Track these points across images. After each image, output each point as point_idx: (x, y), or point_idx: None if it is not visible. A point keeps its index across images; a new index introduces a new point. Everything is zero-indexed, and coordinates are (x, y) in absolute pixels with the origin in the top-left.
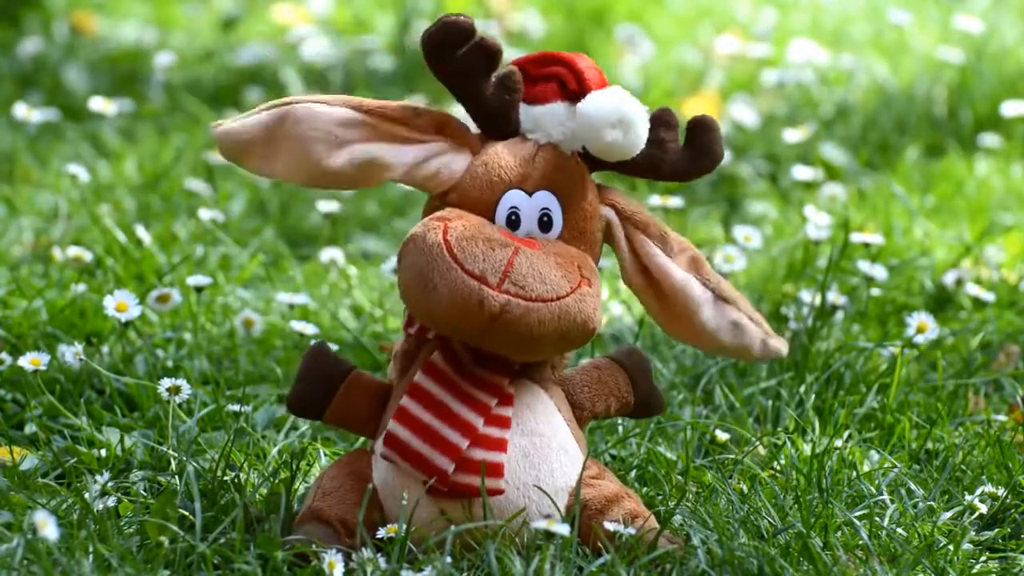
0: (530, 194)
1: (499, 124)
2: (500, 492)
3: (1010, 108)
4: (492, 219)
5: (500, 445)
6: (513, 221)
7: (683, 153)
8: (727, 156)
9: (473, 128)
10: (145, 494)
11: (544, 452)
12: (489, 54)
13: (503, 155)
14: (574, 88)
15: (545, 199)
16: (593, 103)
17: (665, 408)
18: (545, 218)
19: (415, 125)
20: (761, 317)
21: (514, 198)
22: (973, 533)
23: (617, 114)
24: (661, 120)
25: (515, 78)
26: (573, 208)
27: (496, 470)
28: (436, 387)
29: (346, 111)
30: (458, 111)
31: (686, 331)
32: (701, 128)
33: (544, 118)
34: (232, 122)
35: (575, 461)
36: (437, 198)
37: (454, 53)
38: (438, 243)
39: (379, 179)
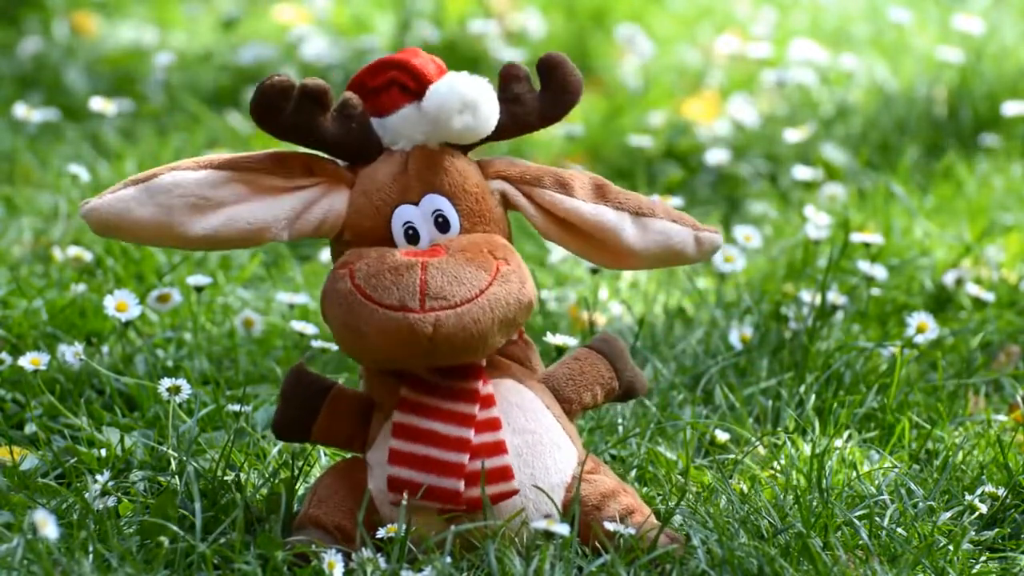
0: (417, 203)
1: (358, 151)
2: (515, 492)
3: (1010, 108)
4: (392, 242)
5: (499, 448)
6: (412, 235)
7: (543, 97)
8: (727, 156)
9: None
10: (145, 494)
11: (537, 449)
12: (316, 97)
13: (377, 177)
14: (414, 87)
15: (433, 201)
16: (433, 97)
17: (647, 388)
18: (440, 219)
19: (286, 172)
20: (685, 215)
21: (404, 213)
22: (973, 533)
23: (459, 99)
24: (508, 76)
25: (351, 103)
26: (462, 198)
27: (505, 473)
28: (416, 418)
29: (211, 172)
30: None
31: (619, 258)
32: (550, 66)
33: (399, 126)
34: (98, 199)
35: (569, 456)
36: (334, 241)
37: (284, 111)
38: (349, 290)
39: (260, 239)
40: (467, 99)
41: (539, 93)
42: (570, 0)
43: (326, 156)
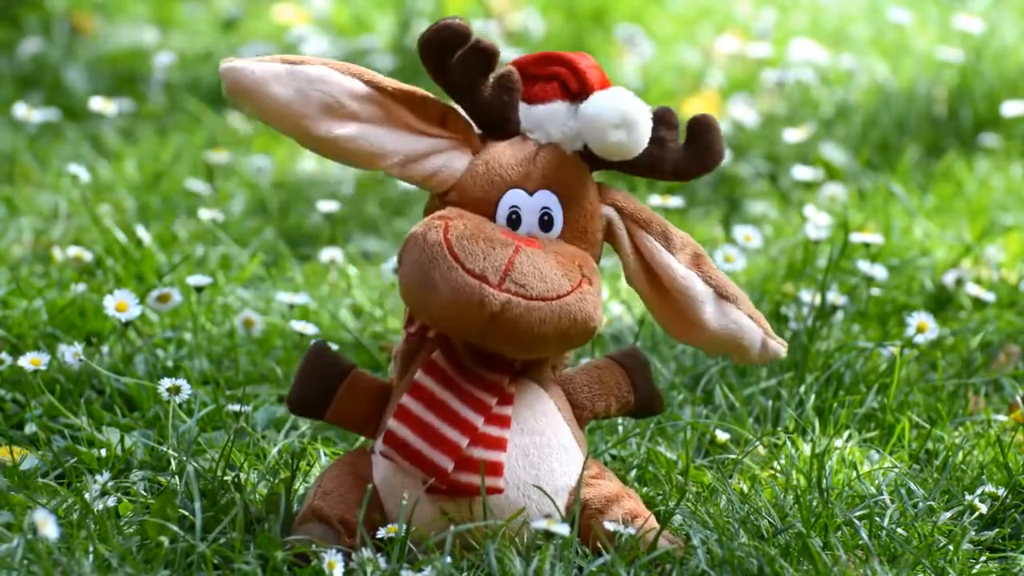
0: (531, 193)
1: (498, 124)
2: (499, 491)
3: (1010, 108)
4: (493, 218)
5: (500, 444)
6: (514, 220)
7: (684, 152)
8: (727, 156)
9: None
10: (145, 494)
11: (544, 452)
12: (486, 55)
13: (504, 154)
14: (575, 88)
15: (546, 198)
16: (596, 103)
17: (665, 408)
18: (546, 217)
19: (421, 114)
20: (762, 316)
21: (515, 197)
22: (973, 533)
23: (620, 114)
24: (662, 119)
25: (513, 78)
26: (574, 207)
27: (495, 469)
28: (437, 386)
29: (358, 84)
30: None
31: (687, 330)
32: (702, 127)
33: (545, 118)
34: (242, 61)
35: (575, 461)
36: (437, 197)
37: (451, 56)
38: (439, 242)
39: (373, 164)
40: (628, 117)
41: (682, 147)
42: (570, 0)
43: (464, 115)
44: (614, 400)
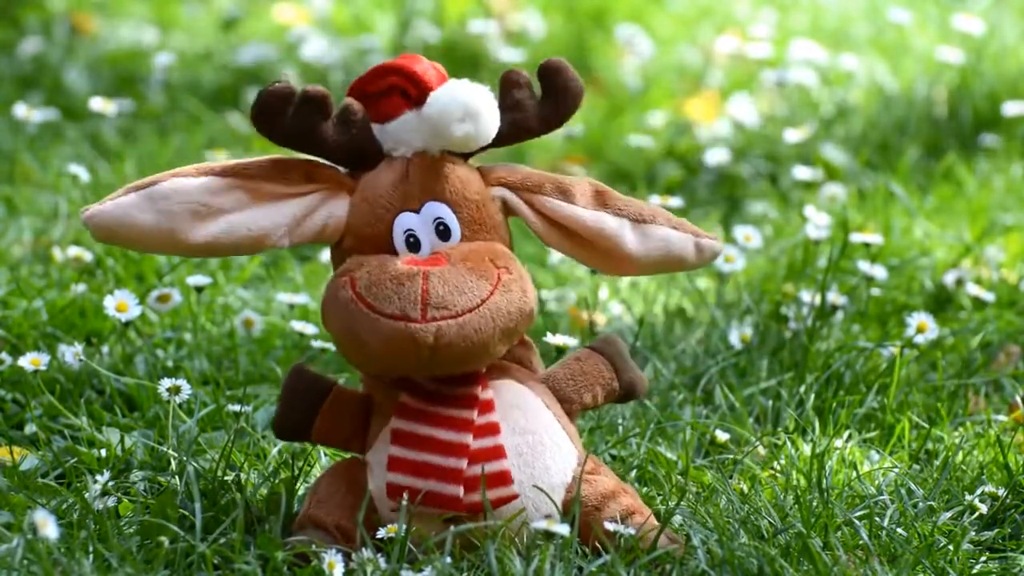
0: (418, 211)
1: (359, 158)
2: (515, 497)
3: (1010, 108)
4: (393, 249)
5: (498, 452)
6: (413, 243)
7: (544, 104)
8: (727, 156)
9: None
10: (145, 494)
11: (538, 450)
12: (316, 103)
13: (379, 183)
14: (415, 93)
15: (434, 209)
16: (434, 104)
17: (647, 389)
18: (441, 227)
19: (284, 179)
20: (685, 221)
21: (405, 221)
22: (973, 533)
23: (460, 107)
24: (509, 83)
25: (352, 110)
26: (463, 205)
27: (504, 478)
28: (415, 425)
29: (213, 180)
30: None
31: (619, 264)
32: (550, 72)
33: (399, 132)
34: (99, 206)
35: (569, 457)
36: (335, 248)
37: (284, 118)
38: (351, 299)
39: (261, 246)
40: (468, 107)
41: (540, 99)
42: (570, 0)
43: (327, 162)
44: (600, 388)
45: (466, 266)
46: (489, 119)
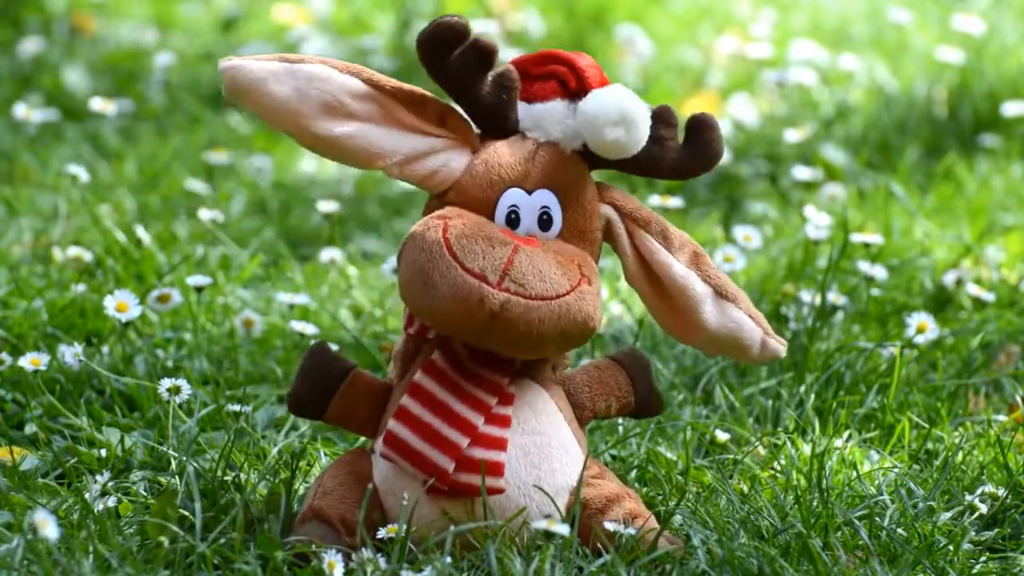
0: (530, 192)
1: (497, 123)
2: (500, 491)
3: (1010, 108)
4: (492, 218)
5: (500, 444)
6: (513, 220)
7: (683, 151)
8: (727, 156)
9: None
10: (145, 494)
11: (545, 451)
12: (484, 54)
13: (502, 153)
14: (574, 86)
15: (545, 197)
16: (595, 101)
17: (664, 409)
18: (545, 216)
19: (420, 113)
20: (761, 316)
21: (514, 196)
22: (973, 533)
23: (619, 112)
24: (661, 118)
25: (511, 76)
26: (573, 206)
27: (496, 469)
28: (436, 386)
29: (358, 83)
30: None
31: (687, 329)
32: (701, 126)
33: (544, 116)
34: (242, 60)
35: (576, 460)
36: (436, 197)
37: (449, 54)
38: (438, 241)
39: (371, 163)
40: (627, 115)
41: (680, 146)
42: (570, 0)
43: (463, 114)
44: (614, 400)
45: (556, 258)
46: (642, 131)
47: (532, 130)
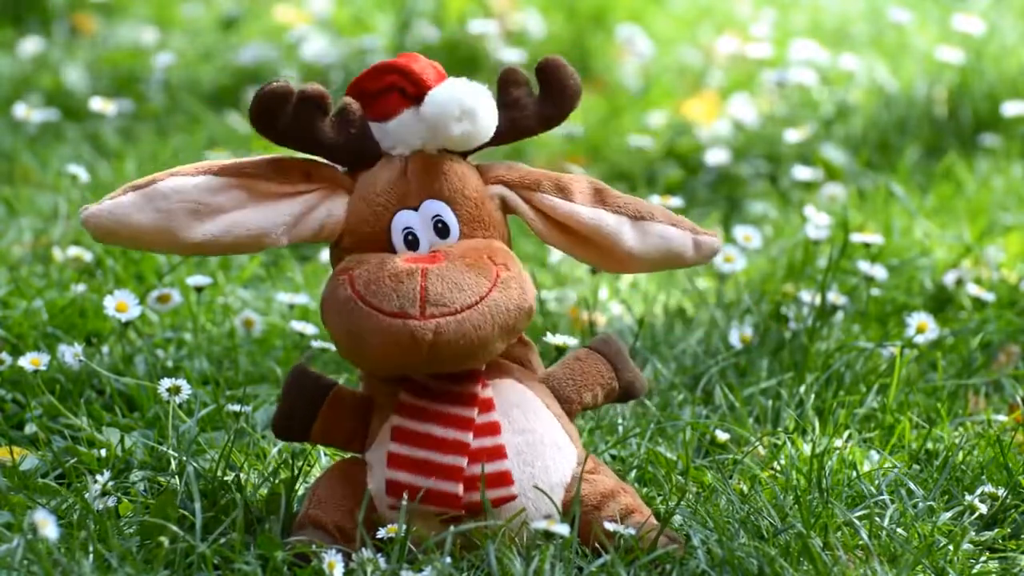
0: (416, 209)
1: (358, 157)
2: (513, 498)
3: (1010, 108)
4: (391, 248)
5: (499, 452)
6: (412, 241)
7: (542, 102)
8: (727, 156)
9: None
10: (145, 494)
11: (537, 449)
12: (314, 102)
13: (376, 182)
14: (413, 92)
15: (432, 207)
16: (432, 103)
17: (647, 388)
18: (440, 224)
19: (282, 178)
20: (684, 218)
21: (404, 219)
22: (973, 533)
23: (458, 106)
24: (507, 81)
25: (350, 109)
26: (461, 203)
27: (504, 478)
28: (415, 423)
29: (211, 179)
30: None
31: (619, 262)
32: (548, 70)
33: (398, 131)
34: (97, 206)
35: (569, 456)
36: (334, 247)
37: (281, 117)
38: (349, 297)
39: (259, 245)
40: (466, 106)
41: (538, 97)
42: (570, 0)
43: (325, 161)
44: (599, 388)
45: (464, 263)
46: (487, 117)
47: (394, 148)
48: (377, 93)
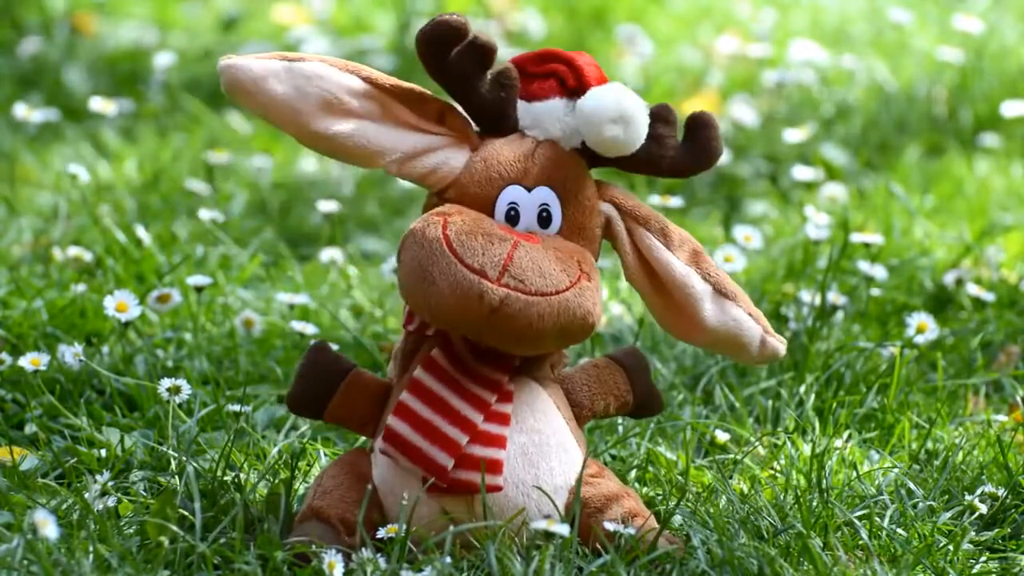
0: (529, 190)
1: (496, 121)
2: (498, 489)
3: (1010, 108)
4: (492, 215)
5: (499, 442)
6: (512, 217)
7: (682, 149)
8: (727, 156)
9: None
10: (145, 494)
11: (544, 450)
12: (483, 52)
13: (502, 151)
14: (573, 84)
15: (544, 195)
16: (593, 99)
17: (663, 408)
18: (544, 213)
19: (420, 111)
20: (761, 314)
21: (513, 194)
22: (973, 533)
23: (617, 110)
24: (660, 116)
25: (511, 75)
26: (572, 204)
27: (495, 467)
28: (436, 383)
29: (357, 81)
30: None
31: (687, 328)
32: (700, 124)
33: (543, 114)
34: (241, 58)
35: (574, 459)
36: (436, 195)
37: (448, 52)
38: (437, 238)
39: (371, 161)
40: (625, 112)
41: (680, 144)
42: (570, 0)
43: (462, 112)
44: (613, 399)
45: (555, 254)
46: (640, 130)
47: (531, 128)
48: (536, 75)
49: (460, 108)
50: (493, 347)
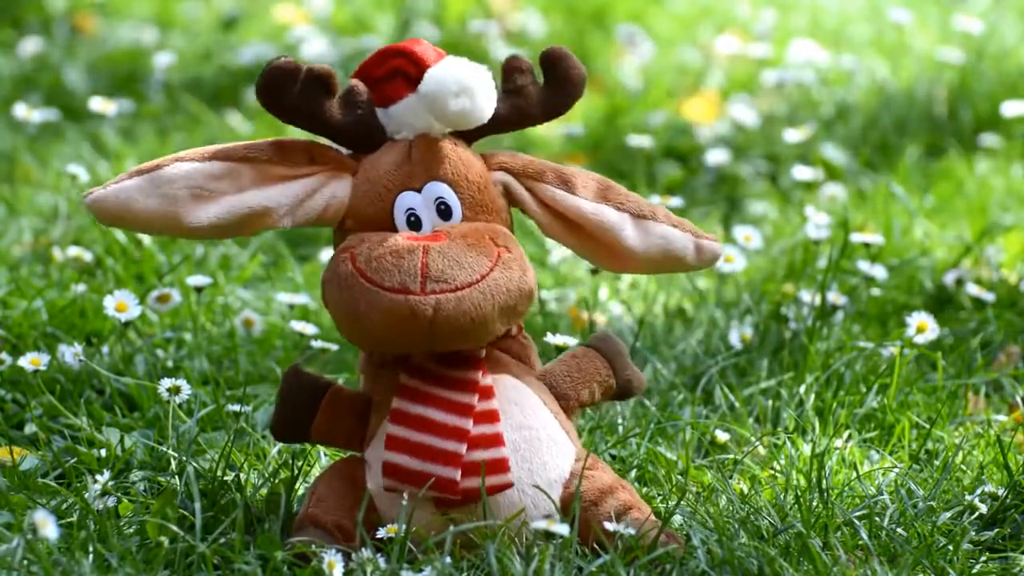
0: (419, 190)
1: (363, 139)
2: (510, 486)
3: (1010, 108)
4: (394, 229)
5: (496, 440)
6: (414, 222)
7: (546, 90)
8: (727, 156)
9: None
10: (145, 494)
11: (535, 445)
12: (322, 80)
13: (381, 164)
14: (416, 74)
15: (436, 189)
16: (431, 79)
17: (645, 386)
18: (442, 207)
19: (287, 160)
20: (686, 221)
21: (407, 200)
22: (973, 533)
23: (457, 82)
24: (512, 68)
25: (358, 91)
26: (464, 187)
27: (501, 465)
28: (415, 405)
29: (215, 165)
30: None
31: (619, 260)
32: (554, 60)
33: (402, 115)
34: (102, 190)
35: (566, 452)
36: (337, 230)
37: (290, 93)
38: (351, 272)
39: (263, 225)
40: (464, 83)
41: (542, 86)
42: (570, 0)
43: (329, 144)
44: (596, 385)
45: (466, 242)
46: (485, 96)
47: (398, 132)
48: (382, 79)
49: (325, 140)
50: (449, 351)
